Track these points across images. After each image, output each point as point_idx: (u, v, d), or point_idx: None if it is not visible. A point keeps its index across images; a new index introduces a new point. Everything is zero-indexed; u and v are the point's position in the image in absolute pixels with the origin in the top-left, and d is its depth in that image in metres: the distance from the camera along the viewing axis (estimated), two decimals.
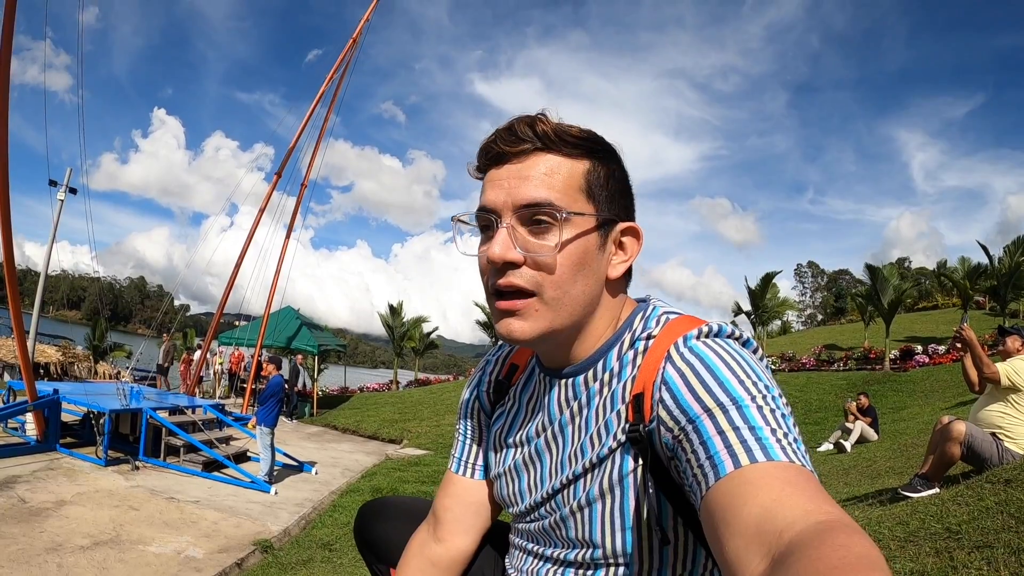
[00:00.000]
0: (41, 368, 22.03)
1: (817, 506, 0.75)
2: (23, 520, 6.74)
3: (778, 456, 0.84)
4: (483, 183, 1.17)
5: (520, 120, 1.13)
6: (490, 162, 1.15)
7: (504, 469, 1.37)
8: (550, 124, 1.11)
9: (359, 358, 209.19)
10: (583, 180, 1.12)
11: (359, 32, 19.74)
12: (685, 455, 0.94)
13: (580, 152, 1.13)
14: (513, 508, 1.35)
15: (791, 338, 37.47)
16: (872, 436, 12.01)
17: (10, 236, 9.13)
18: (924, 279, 44.30)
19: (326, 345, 25.29)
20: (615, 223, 1.16)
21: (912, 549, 3.72)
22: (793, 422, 0.93)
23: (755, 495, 0.79)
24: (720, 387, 0.96)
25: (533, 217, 1.09)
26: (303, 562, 6.97)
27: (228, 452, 11.14)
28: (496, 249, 1.08)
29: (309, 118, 19.57)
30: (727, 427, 0.89)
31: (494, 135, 1.14)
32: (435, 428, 18.70)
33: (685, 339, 1.08)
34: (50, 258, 21.86)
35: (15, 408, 10.24)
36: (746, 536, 0.76)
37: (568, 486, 1.18)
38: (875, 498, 6.02)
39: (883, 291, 23.01)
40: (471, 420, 1.53)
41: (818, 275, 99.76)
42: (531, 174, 1.10)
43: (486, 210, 1.13)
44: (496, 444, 1.42)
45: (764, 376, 1.00)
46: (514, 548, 1.41)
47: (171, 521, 7.66)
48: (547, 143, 1.11)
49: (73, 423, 11.76)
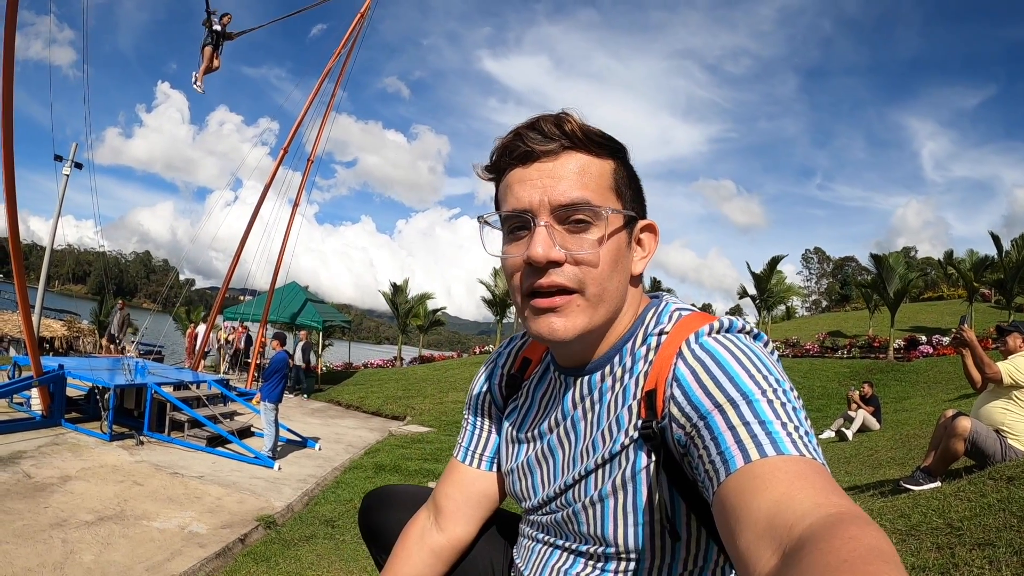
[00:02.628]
0: (46, 343, 22.07)
1: (828, 499, 0.75)
2: (28, 495, 6.77)
3: (789, 450, 0.84)
4: (506, 183, 1.16)
5: (545, 119, 1.12)
6: (515, 161, 1.14)
7: (517, 464, 1.38)
8: (576, 123, 1.12)
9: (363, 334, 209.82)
10: (612, 179, 1.13)
11: (367, 7, 19.63)
12: (697, 451, 0.95)
13: (605, 152, 1.14)
14: (525, 503, 1.36)
15: (795, 324, 37.52)
16: (874, 425, 12.03)
17: (15, 211, 9.13)
18: (930, 269, 44.16)
19: (331, 321, 25.39)
20: (636, 220, 1.18)
21: (913, 543, 3.74)
22: (804, 415, 0.93)
23: (766, 489, 0.79)
24: (731, 382, 0.96)
25: (570, 216, 1.09)
26: (306, 538, 7.00)
27: (232, 427, 11.17)
28: (539, 249, 1.07)
29: (316, 93, 19.54)
30: (738, 422, 0.90)
31: (517, 133, 1.13)
32: (438, 405, 18.72)
33: (696, 335, 1.08)
34: (55, 233, 21.91)
35: (20, 383, 10.26)
36: (757, 530, 0.76)
37: (580, 481, 1.19)
38: (876, 489, 6.04)
39: (889, 280, 22.99)
40: (482, 412, 1.54)
41: (824, 261, 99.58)
42: (564, 173, 1.10)
43: (519, 211, 1.12)
44: (509, 439, 1.43)
45: (775, 370, 1.00)
46: (524, 538, 1.42)
47: (175, 496, 7.69)
48: (575, 142, 1.11)
49: (78, 398, 11.79)
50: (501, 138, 1.17)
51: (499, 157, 1.17)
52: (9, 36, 8.32)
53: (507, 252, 1.16)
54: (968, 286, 26.14)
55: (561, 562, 1.26)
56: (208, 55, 16.68)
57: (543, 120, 1.12)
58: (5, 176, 8.82)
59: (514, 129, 1.14)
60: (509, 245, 1.16)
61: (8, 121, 8.55)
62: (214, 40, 16.69)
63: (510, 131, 1.15)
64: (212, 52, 16.71)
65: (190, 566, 5.74)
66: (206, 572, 5.85)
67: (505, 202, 1.15)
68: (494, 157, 1.18)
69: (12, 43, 8.42)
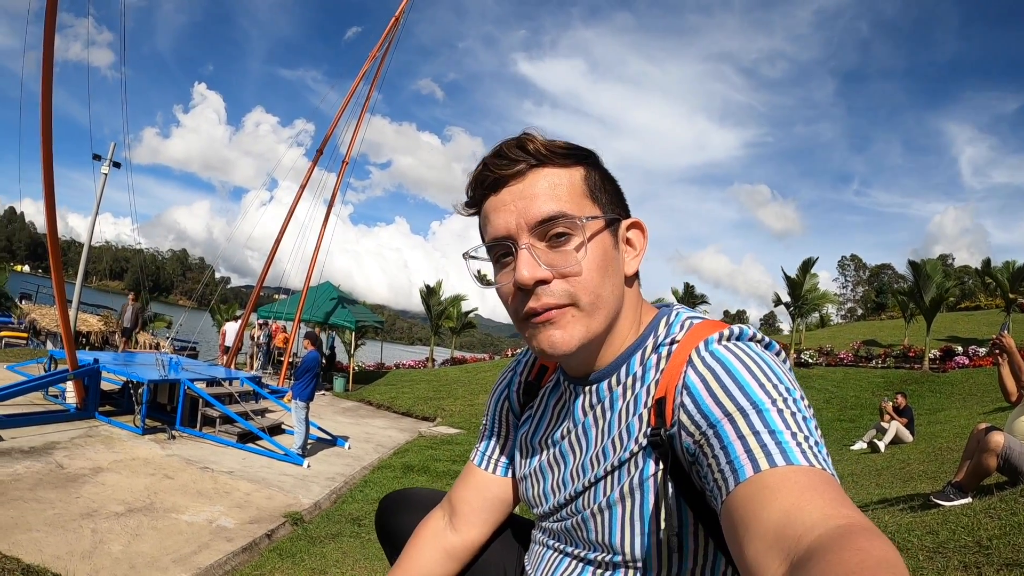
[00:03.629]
0: (83, 337, 22.34)
1: (837, 510, 0.75)
2: (60, 485, 6.88)
3: (798, 460, 0.83)
4: (484, 213, 1.16)
5: (508, 143, 1.13)
6: (487, 190, 1.15)
7: (530, 471, 1.38)
8: (539, 140, 1.12)
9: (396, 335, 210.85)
10: (584, 185, 1.13)
11: (402, 10, 19.75)
12: (706, 460, 0.94)
13: (572, 160, 1.14)
14: (537, 508, 1.37)
15: (830, 331, 37.03)
16: (907, 437, 11.85)
17: (53, 208, 9.27)
18: (967, 278, 43.43)
19: (364, 321, 25.46)
20: (619, 221, 1.18)
21: (940, 561, 3.69)
22: (815, 425, 0.92)
23: (775, 499, 0.79)
24: (740, 391, 0.96)
25: (549, 232, 1.09)
26: (332, 536, 7.05)
27: (263, 424, 11.29)
28: (524, 272, 1.07)
29: (351, 95, 19.66)
30: (747, 431, 0.89)
31: (484, 164, 1.14)
32: (469, 407, 18.71)
33: (706, 343, 1.08)
34: (94, 230, 22.20)
35: (56, 376, 10.42)
36: (766, 540, 0.76)
37: (589, 488, 1.19)
38: (906, 503, 5.96)
39: (925, 288, 22.56)
40: (499, 418, 1.55)
41: (860, 268, 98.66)
42: (536, 191, 1.10)
43: (499, 239, 1.12)
44: (523, 446, 1.43)
45: (786, 379, 0.99)
46: (536, 544, 1.42)
47: (204, 491, 7.78)
48: (541, 158, 1.11)
49: (112, 392, 11.95)
50: (471, 172, 1.18)
51: (473, 191, 1.18)
52: (48, 38, 8.46)
53: (499, 281, 1.16)
54: (1005, 296, 25.70)
55: (570, 570, 1.26)
56: None
57: (506, 145, 1.13)
58: (44, 174, 8.95)
59: (482, 160, 1.15)
60: (499, 274, 1.16)
61: (48, 120, 8.69)
62: None
63: (479, 163, 1.16)
64: None
65: (217, 559, 5.81)
66: (232, 566, 5.91)
67: (486, 232, 1.16)
68: (469, 192, 1.19)
69: (51, 44, 8.55)
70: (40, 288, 38.70)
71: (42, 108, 8.60)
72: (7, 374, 12.52)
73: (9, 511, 5.91)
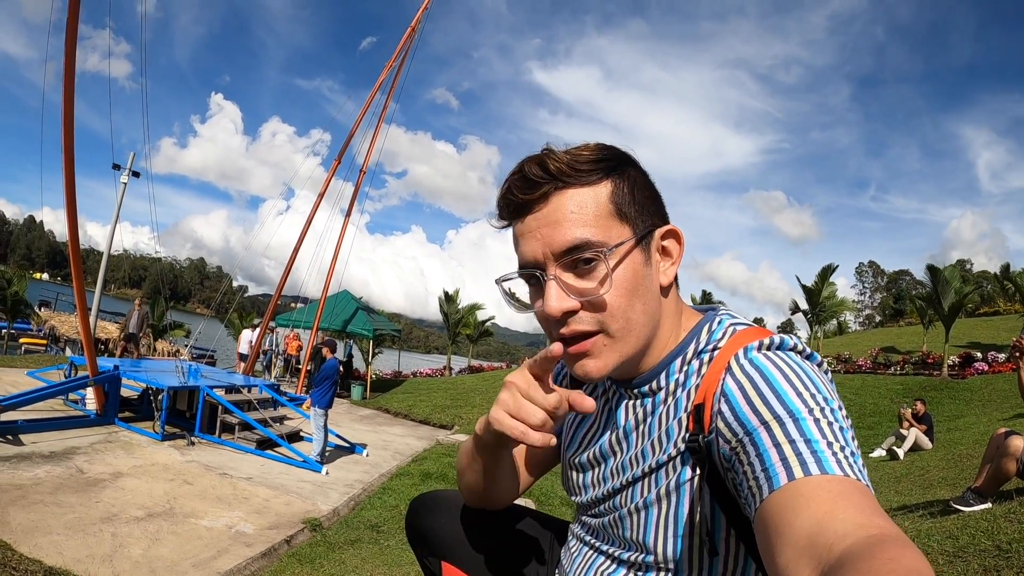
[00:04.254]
0: (102, 344, 22.48)
1: (869, 520, 0.75)
2: (80, 490, 6.93)
3: (833, 469, 0.84)
4: (514, 235, 1.17)
5: (530, 162, 1.12)
6: (513, 214, 1.16)
7: (571, 459, 1.41)
8: (560, 157, 1.10)
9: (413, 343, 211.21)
10: (610, 204, 1.11)
11: (418, 20, 19.79)
12: (741, 467, 0.95)
13: (599, 175, 1.12)
14: (576, 497, 1.39)
15: (848, 339, 36.85)
16: (926, 444, 11.77)
17: (75, 217, 9.35)
18: (986, 283, 43.08)
19: (381, 329, 25.48)
20: (652, 233, 1.16)
21: (960, 565, 3.67)
22: (852, 435, 0.93)
23: (808, 508, 0.79)
24: (778, 400, 0.96)
25: (576, 260, 1.09)
26: (351, 542, 7.06)
27: (282, 431, 11.31)
28: (552, 303, 1.09)
29: (368, 105, 19.74)
30: (783, 440, 0.90)
31: (508, 184, 1.14)
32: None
33: (746, 351, 1.08)
34: (113, 238, 22.38)
35: (76, 382, 10.50)
36: (798, 548, 0.76)
37: (627, 488, 1.20)
38: (926, 509, 5.93)
39: (944, 294, 22.34)
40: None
41: (878, 275, 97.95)
42: (560, 217, 1.09)
43: (527, 264, 1.13)
44: (568, 431, 1.46)
45: (824, 389, 0.99)
46: (573, 538, 1.44)
47: (223, 496, 7.82)
48: (563, 178, 1.10)
49: (132, 398, 12.05)
50: (501, 187, 1.17)
51: (499, 210, 1.19)
52: (69, 49, 8.54)
53: (533, 304, 1.18)
54: None
55: (604, 568, 1.27)
56: None
57: (528, 164, 1.12)
58: (66, 184, 9.04)
59: (507, 179, 1.15)
60: (533, 298, 1.18)
61: (69, 130, 8.78)
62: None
63: (505, 181, 1.16)
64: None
65: (236, 564, 5.83)
66: (252, 571, 5.93)
67: (517, 254, 1.17)
68: (497, 208, 1.19)
69: (73, 55, 8.63)
70: (59, 296, 39.08)
71: (64, 118, 8.68)
72: (28, 380, 12.62)
73: (30, 514, 5.96)
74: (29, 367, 14.59)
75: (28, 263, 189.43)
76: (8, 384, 11.25)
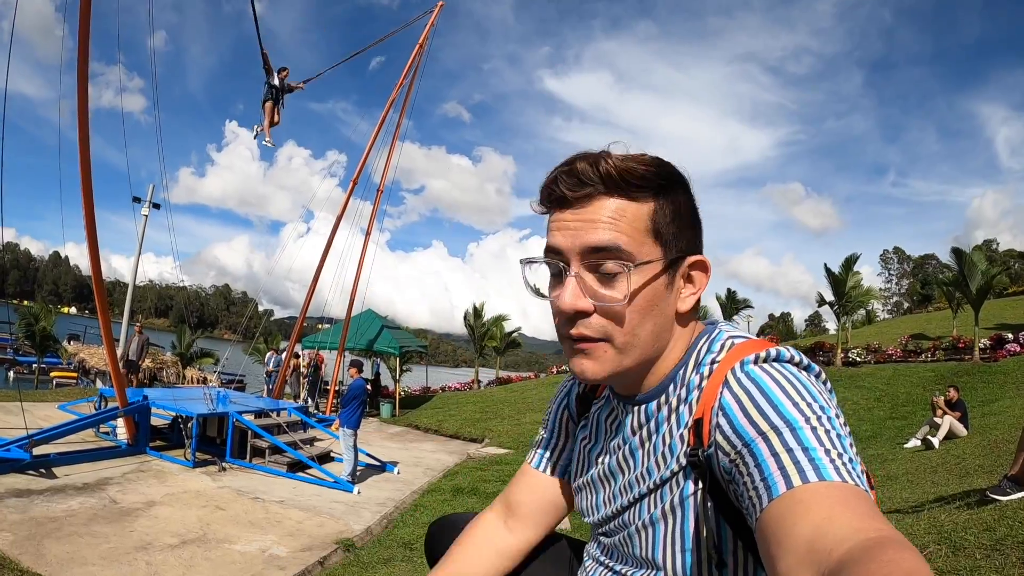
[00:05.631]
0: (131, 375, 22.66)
1: (868, 524, 0.75)
2: (114, 520, 6.96)
3: (831, 476, 0.84)
4: (548, 223, 1.16)
5: (583, 158, 1.10)
6: (554, 204, 1.15)
7: (584, 482, 1.39)
8: (614, 163, 1.08)
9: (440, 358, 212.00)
10: (649, 221, 1.10)
11: (425, 36, 20.04)
12: (742, 479, 0.95)
13: (646, 194, 1.11)
14: (588, 518, 1.38)
15: (876, 328, 36.65)
16: (961, 431, 11.64)
17: (96, 251, 9.47)
18: (1013, 261, 42.56)
19: (407, 346, 25.59)
20: (683, 260, 1.15)
21: (998, 559, 3.59)
22: (850, 443, 0.93)
23: (806, 514, 0.80)
24: (774, 411, 0.96)
25: (601, 264, 1.08)
26: (384, 561, 7.05)
27: (312, 453, 11.37)
28: (567, 299, 1.08)
29: (382, 124, 19.88)
30: (781, 449, 0.90)
31: (555, 175, 1.13)
32: (516, 427, 18.73)
33: (742, 364, 1.08)
34: (137, 270, 22.64)
35: (107, 414, 10.60)
36: (797, 555, 0.76)
37: (634, 505, 1.20)
38: (962, 500, 5.84)
39: (971, 276, 22.12)
40: (559, 423, 1.56)
41: (904, 260, 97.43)
42: (596, 218, 1.08)
43: (553, 252, 1.13)
44: (581, 456, 1.45)
45: (820, 398, 0.99)
46: (588, 558, 1.43)
47: (256, 520, 7.83)
48: (611, 186, 1.09)
49: (162, 427, 12.15)
50: (549, 173, 1.16)
51: (541, 196, 1.18)
52: (82, 88, 8.64)
53: (551, 294, 1.17)
54: None
55: None
56: (269, 110, 16.77)
57: (580, 160, 1.11)
58: (86, 218, 9.16)
59: (555, 168, 1.14)
60: (552, 288, 1.17)
61: (87, 166, 8.87)
62: (274, 95, 16.76)
63: (554, 168, 1.15)
64: (273, 107, 16.79)
65: None
66: None
67: (547, 239, 1.16)
68: (540, 196, 1.19)
69: (85, 92, 8.75)
70: (87, 328, 39.55)
71: (80, 154, 8.78)
72: (59, 413, 12.75)
73: (65, 546, 5.99)
74: (60, 400, 14.78)
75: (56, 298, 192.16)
76: (40, 418, 11.33)
